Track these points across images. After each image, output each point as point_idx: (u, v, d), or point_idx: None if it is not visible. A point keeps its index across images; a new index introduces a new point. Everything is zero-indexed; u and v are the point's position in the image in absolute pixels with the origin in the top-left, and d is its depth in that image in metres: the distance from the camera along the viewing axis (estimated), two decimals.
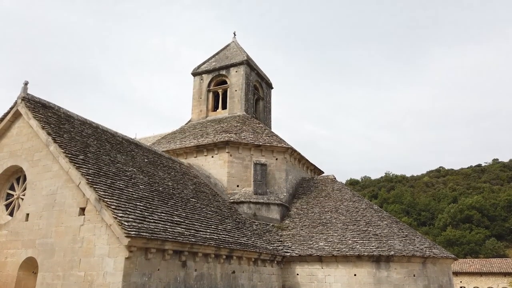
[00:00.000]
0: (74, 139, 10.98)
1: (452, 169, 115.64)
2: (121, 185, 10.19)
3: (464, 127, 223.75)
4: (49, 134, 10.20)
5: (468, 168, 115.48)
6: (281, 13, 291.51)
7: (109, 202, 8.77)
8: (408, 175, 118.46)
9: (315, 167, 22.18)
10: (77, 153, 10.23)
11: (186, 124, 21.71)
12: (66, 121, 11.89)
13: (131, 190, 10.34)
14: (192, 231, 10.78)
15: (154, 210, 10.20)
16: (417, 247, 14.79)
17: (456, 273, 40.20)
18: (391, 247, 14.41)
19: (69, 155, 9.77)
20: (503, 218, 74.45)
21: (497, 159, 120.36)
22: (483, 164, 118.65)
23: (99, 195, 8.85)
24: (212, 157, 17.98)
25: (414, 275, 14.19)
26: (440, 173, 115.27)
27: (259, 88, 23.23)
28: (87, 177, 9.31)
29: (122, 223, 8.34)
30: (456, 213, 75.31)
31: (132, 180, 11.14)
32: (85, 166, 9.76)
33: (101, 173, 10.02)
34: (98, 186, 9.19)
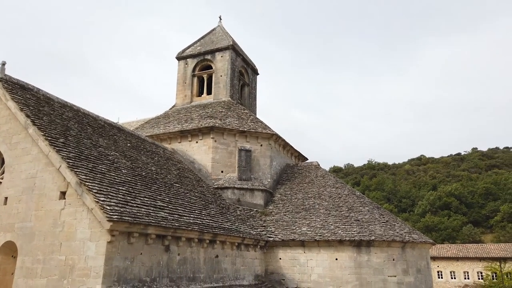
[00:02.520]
0: (54, 122, 10.73)
1: (433, 158, 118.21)
2: (103, 169, 10.05)
3: (447, 116, 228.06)
4: (28, 116, 9.93)
5: (448, 156, 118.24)
6: (272, 0, 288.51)
7: (90, 186, 8.65)
8: (390, 163, 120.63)
9: (300, 154, 22.32)
10: (57, 136, 10.01)
11: (170, 109, 21.45)
12: (46, 104, 11.59)
13: (113, 174, 10.21)
14: (176, 215, 10.75)
15: (137, 195, 10.12)
16: (397, 233, 15.14)
17: (433, 258, 41.45)
18: (372, 232, 14.71)
19: (49, 138, 9.55)
20: (480, 205, 76.86)
21: (476, 148, 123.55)
22: (462, 153, 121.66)
23: (80, 179, 8.71)
24: (197, 142, 17.87)
25: (393, 259, 14.56)
26: (421, 161, 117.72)
27: (244, 73, 23.07)
28: (68, 160, 9.13)
29: (104, 207, 8.25)
30: (435, 200, 77.35)
31: (115, 164, 10.99)
32: (65, 150, 9.57)
33: (82, 157, 9.85)
34: (79, 170, 9.03)
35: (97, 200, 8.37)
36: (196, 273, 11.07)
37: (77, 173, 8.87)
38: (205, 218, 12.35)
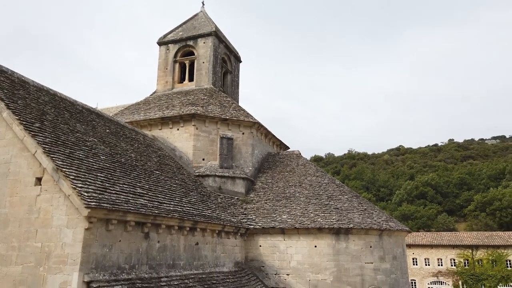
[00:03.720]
0: (30, 106, 10.39)
1: (411, 148, 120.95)
2: (80, 155, 9.83)
3: (426, 108, 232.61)
4: (1, 99, 9.57)
5: (425, 147, 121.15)
6: None
7: (67, 172, 8.45)
8: (370, 153, 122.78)
9: (281, 143, 22.40)
10: (33, 120, 9.71)
11: (151, 95, 21.10)
12: (21, 87, 11.19)
13: (91, 160, 10.01)
14: (156, 203, 10.66)
15: (116, 182, 9.96)
16: (375, 221, 15.47)
17: (409, 245, 42.70)
18: (350, 220, 14.98)
19: (24, 123, 9.25)
20: (454, 194, 79.32)
21: (453, 140, 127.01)
22: (439, 144, 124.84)
23: (56, 165, 8.49)
24: (178, 129, 17.68)
25: (371, 247, 14.90)
26: (399, 152, 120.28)
27: (227, 61, 22.84)
28: (44, 146, 8.88)
29: (81, 194, 8.09)
30: (412, 190, 79.36)
31: (93, 150, 10.77)
32: (41, 135, 9.30)
33: (59, 142, 9.60)
34: (55, 156, 8.81)
35: (74, 186, 8.20)
36: (176, 260, 11.06)
37: (54, 158, 8.64)
38: (185, 205, 12.30)
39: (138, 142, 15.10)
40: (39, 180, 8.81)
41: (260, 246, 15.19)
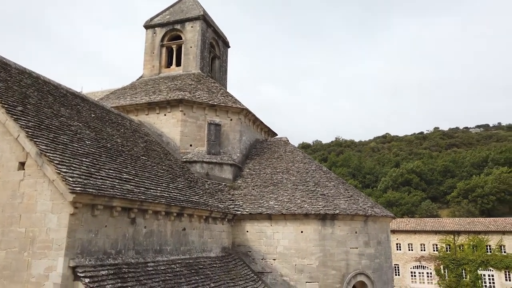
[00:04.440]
0: (12, 89, 10.12)
1: (397, 136, 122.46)
2: (65, 139, 9.66)
3: (412, 96, 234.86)
4: None
5: (411, 135, 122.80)
6: None
7: (51, 157, 8.31)
8: (357, 140, 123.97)
9: (269, 129, 22.40)
10: (15, 104, 9.47)
11: (138, 80, 20.76)
12: (2, 69, 10.87)
13: (76, 145, 9.85)
14: (142, 188, 10.60)
15: (102, 167, 9.84)
16: (361, 207, 15.70)
17: (393, 231, 43.61)
18: (336, 206, 15.17)
19: (6, 106, 9.01)
20: (438, 182, 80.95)
21: (438, 128, 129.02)
22: (425, 132, 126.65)
23: (40, 149, 8.34)
24: (165, 115, 17.50)
25: (356, 232, 15.15)
26: (386, 139, 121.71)
27: (215, 46, 22.56)
28: (27, 129, 8.69)
29: (66, 179, 7.98)
30: (398, 177, 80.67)
31: (78, 135, 10.59)
32: (24, 118, 9.09)
33: (42, 126, 9.40)
34: (39, 140, 8.63)
35: (58, 171, 8.07)
36: (163, 246, 11.07)
37: (37, 143, 8.48)
38: (172, 191, 12.26)
39: (124, 127, 14.91)
40: (22, 165, 8.65)
41: (247, 231, 15.30)
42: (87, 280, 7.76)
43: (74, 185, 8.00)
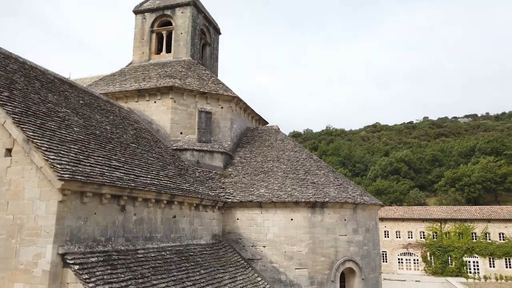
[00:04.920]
0: None
1: (387, 125, 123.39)
2: (52, 126, 9.51)
3: (403, 85, 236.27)
4: None
5: (401, 124, 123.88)
6: None
7: (39, 144, 8.19)
8: (347, 129, 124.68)
9: (260, 118, 22.36)
10: (1, 89, 9.26)
11: (127, 66, 20.46)
12: None
13: (64, 132, 9.71)
14: (132, 176, 10.54)
15: (91, 154, 9.75)
16: (350, 195, 15.87)
17: (382, 219, 44.23)
18: (326, 194, 15.30)
19: None
20: (427, 170, 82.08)
21: (427, 117, 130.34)
22: (414, 121, 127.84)
23: (27, 136, 8.20)
24: (155, 102, 17.32)
25: (345, 220, 15.34)
26: (376, 128, 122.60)
27: (206, 32, 22.28)
28: (13, 116, 8.53)
29: (54, 166, 7.89)
30: (387, 166, 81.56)
31: (66, 121, 10.44)
32: (10, 104, 8.91)
33: (29, 113, 9.24)
34: (26, 126, 8.49)
35: (46, 158, 7.97)
36: (153, 233, 11.08)
37: (24, 129, 8.34)
38: (162, 179, 12.22)
39: (114, 114, 14.74)
40: (9, 151, 8.51)
41: (238, 219, 15.37)
42: (76, 267, 7.75)
43: (62, 172, 7.91)
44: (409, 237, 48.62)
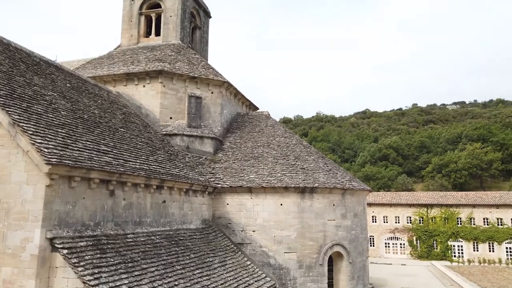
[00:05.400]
0: None
1: (376, 112, 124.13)
2: (39, 109, 9.34)
3: (393, 72, 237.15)
4: None
5: (390, 111, 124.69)
6: None
7: (25, 127, 8.04)
8: (337, 115, 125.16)
9: (251, 103, 22.28)
10: None
11: (115, 49, 20.09)
12: None
13: (51, 115, 9.55)
14: (121, 160, 10.46)
15: (78, 138, 9.62)
16: (339, 180, 16.02)
17: (369, 204, 44.92)
18: (316, 179, 15.43)
19: None
20: (415, 157, 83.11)
21: (416, 104, 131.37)
22: (403, 108, 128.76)
23: (13, 119, 8.04)
24: (144, 86, 17.10)
25: (334, 205, 15.52)
26: (365, 115, 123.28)
27: (196, 16, 21.92)
28: None
29: (41, 150, 7.77)
30: (375, 152, 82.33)
31: (52, 105, 10.25)
32: None
33: (14, 95, 9.05)
34: (11, 110, 8.32)
35: (33, 142, 7.84)
36: (143, 218, 11.08)
37: (10, 112, 8.17)
38: (152, 164, 12.16)
39: (102, 98, 14.53)
40: None
41: (228, 204, 15.44)
42: (65, 251, 7.73)
43: (49, 156, 7.80)
44: (396, 222, 49.50)
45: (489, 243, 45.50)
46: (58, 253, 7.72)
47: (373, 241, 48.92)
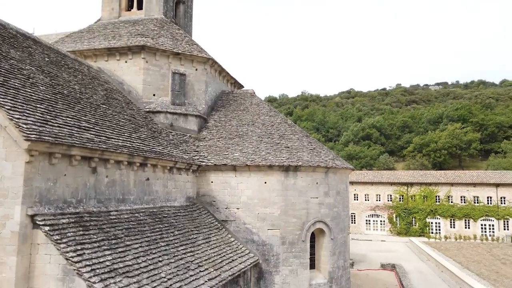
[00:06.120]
0: None
1: (361, 91, 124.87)
2: (16, 84, 9.03)
3: (378, 50, 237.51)
4: None
5: (374, 91, 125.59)
6: None
7: (2, 102, 7.78)
8: (322, 95, 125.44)
9: (236, 81, 22.05)
10: None
11: (95, 23, 19.43)
12: None
13: (29, 90, 9.26)
14: (103, 137, 10.29)
15: (58, 114, 9.39)
16: (322, 159, 16.19)
17: (352, 182, 45.76)
18: (299, 158, 15.55)
19: None
20: (397, 136, 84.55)
21: (400, 84, 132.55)
22: (387, 88, 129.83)
23: None
24: (126, 62, 16.68)
25: (317, 183, 15.74)
26: (350, 94, 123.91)
27: None
28: None
29: (19, 125, 7.57)
30: (359, 131, 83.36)
31: (30, 79, 9.92)
32: None
33: None
34: None
35: (11, 117, 7.61)
36: (126, 195, 11.02)
37: None
38: (135, 141, 12.01)
39: (82, 73, 14.13)
40: None
41: (212, 182, 15.48)
42: (47, 228, 7.66)
43: (28, 132, 7.61)
44: (377, 200, 50.73)
45: (465, 220, 47.25)
46: (39, 230, 7.65)
47: (354, 218, 50.16)
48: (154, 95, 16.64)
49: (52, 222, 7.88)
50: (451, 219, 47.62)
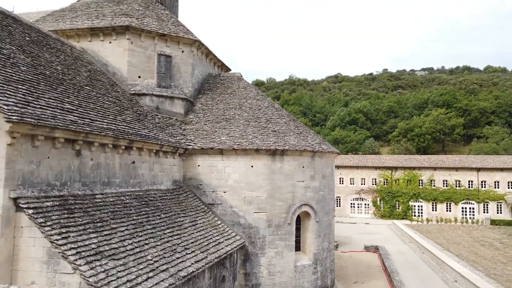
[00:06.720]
0: None
1: (348, 76, 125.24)
2: None
3: (366, 34, 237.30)
4: None
5: (361, 76, 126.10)
6: None
7: None
8: (310, 79, 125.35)
9: (223, 64, 21.81)
10: None
11: (78, 1, 18.84)
12: None
13: (9, 71, 8.98)
14: (87, 120, 10.11)
15: (41, 95, 9.16)
16: (309, 143, 16.29)
17: (337, 166, 46.31)
18: (286, 142, 15.61)
19: None
20: (382, 121, 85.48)
21: (387, 69, 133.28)
22: (374, 73, 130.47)
23: None
24: (110, 43, 16.28)
25: (303, 167, 15.86)
26: (337, 79, 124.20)
27: None
28: None
29: (0, 107, 7.36)
30: (345, 116, 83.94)
31: (11, 59, 9.62)
32: None
33: None
34: None
35: None
36: (112, 178, 10.93)
37: None
38: (120, 124, 11.84)
39: (65, 54, 13.76)
40: None
41: (199, 165, 15.46)
42: (30, 211, 7.56)
43: (9, 113, 7.42)
44: (362, 184, 51.52)
45: (447, 203, 48.49)
46: (23, 213, 7.55)
47: (339, 201, 50.93)
48: (139, 77, 16.36)
49: (35, 205, 7.78)
50: (433, 203, 48.79)
